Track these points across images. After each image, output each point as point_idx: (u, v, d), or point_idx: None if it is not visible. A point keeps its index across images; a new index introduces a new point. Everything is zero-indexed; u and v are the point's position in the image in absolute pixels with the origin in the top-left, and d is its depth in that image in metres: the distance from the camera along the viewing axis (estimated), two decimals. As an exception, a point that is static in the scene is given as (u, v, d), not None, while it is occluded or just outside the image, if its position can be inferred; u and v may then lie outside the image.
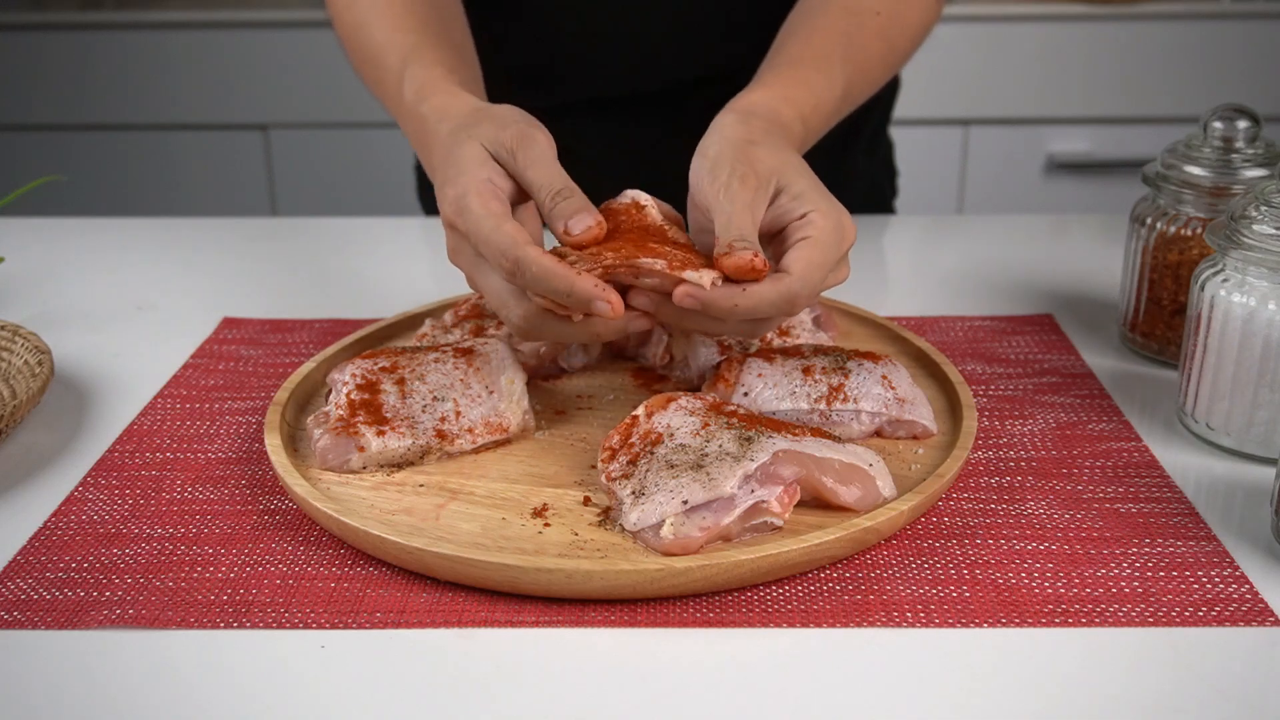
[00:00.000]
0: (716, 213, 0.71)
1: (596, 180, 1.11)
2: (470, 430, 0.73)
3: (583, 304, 0.67)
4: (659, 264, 0.68)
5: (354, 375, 0.75)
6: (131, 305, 1.00)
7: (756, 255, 0.67)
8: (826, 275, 0.70)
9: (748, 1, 1.03)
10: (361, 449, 0.71)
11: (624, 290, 0.70)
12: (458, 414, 0.73)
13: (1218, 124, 0.82)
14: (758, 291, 0.68)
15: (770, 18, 1.05)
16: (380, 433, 0.71)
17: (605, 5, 1.04)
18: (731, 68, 1.06)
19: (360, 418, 0.72)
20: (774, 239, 0.73)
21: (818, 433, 0.70)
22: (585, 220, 0.70)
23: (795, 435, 0.68)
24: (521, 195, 0.73)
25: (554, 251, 0.70)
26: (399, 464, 0.72)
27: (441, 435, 0.72)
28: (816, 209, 0.71)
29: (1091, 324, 0.94)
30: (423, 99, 0.79)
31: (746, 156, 0.73)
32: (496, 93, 1.12)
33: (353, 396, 0.73)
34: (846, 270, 0.74)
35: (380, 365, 0.76)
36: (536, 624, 0.60)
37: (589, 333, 0.71)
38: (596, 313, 0.67)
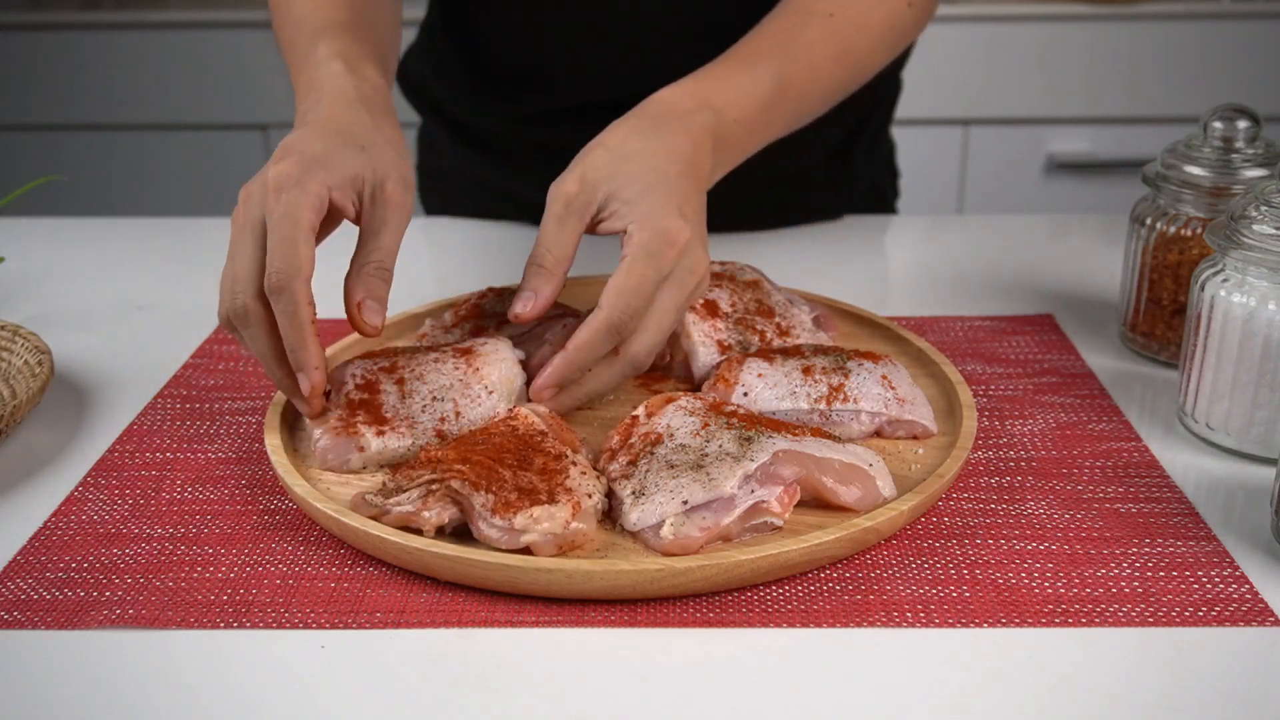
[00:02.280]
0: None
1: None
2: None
3: (295, 365, 0.70)
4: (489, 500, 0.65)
5: (354, 375, 0.75)
6: (131, 305, 1.00)
7: (524, 305, 0.73)
8: (648, 291, 0.72)
9: (741, 8, 1.03)
10: (361, 449, 0.71)
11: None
12: (457, 414, 0.73)
13: (1218, 124, 0.82)
14: (579, 339, 0.72)
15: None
16: (380, 433, 0.71)
17: (599, 11, 1.04)
18: None
19: (360, 417, 0.72)
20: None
21: (818, 433, 0.70)
22: (376, 319, 0.72)
23: (795, 435, 0.68)
24: (343, 217, 0.75)
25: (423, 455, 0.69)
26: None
27: (441, 435, 0.72)
28: (635, 220, 0.73)
29: (1091, 324, 0.94)
30: (338, 57, 0.80)
31: (581, 163, 0.75)
32: (493, 97, 1.12)
33: (352, 396, 0.73)
34: (702, 266, 0.74)
35: (380, 365, 0.76)
36: (536, 624, 0.60)
37: (277, 377, 0.72)
38: (293, 388, 0.71)
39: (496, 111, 1.13)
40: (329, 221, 0.75)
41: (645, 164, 0.75)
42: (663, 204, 0.73)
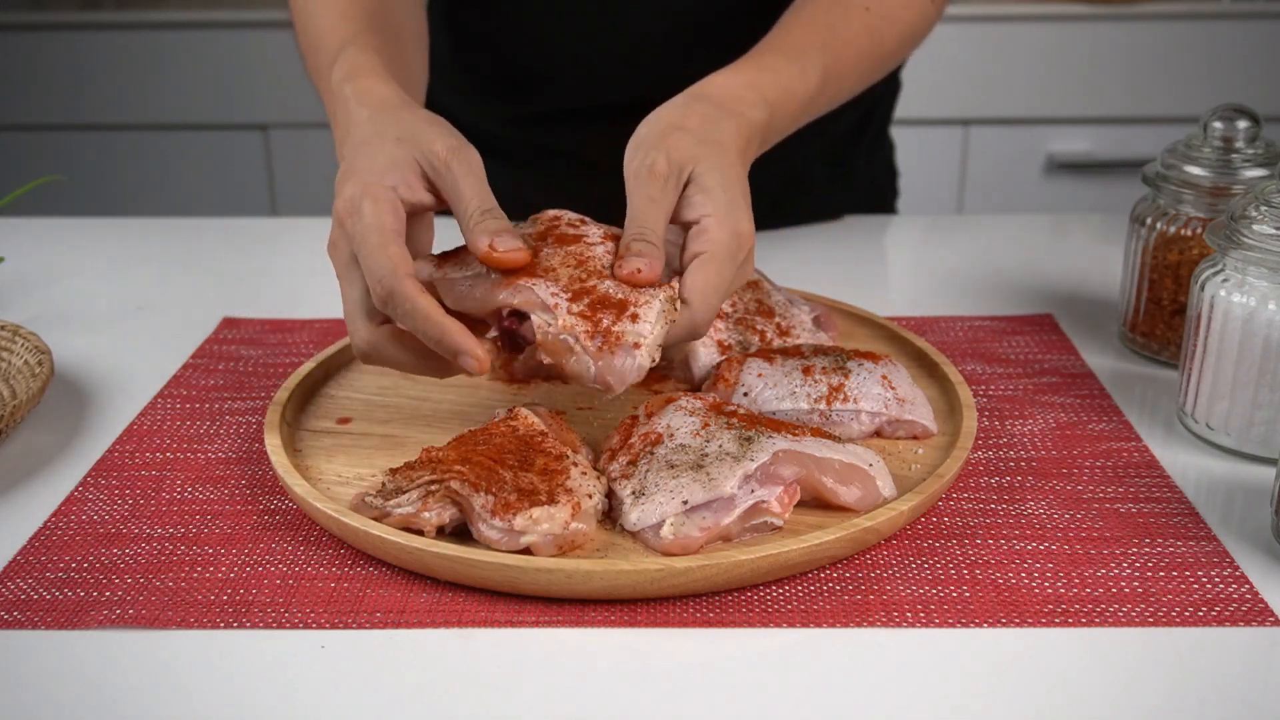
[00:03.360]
0: (628, 202, 0.71)
1: (598, 182, 1.11)
2: None
3: (449, 354, 0.66)
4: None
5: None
6: (131, 305, 1.00)
7: (642, 265, 0.67)
8: (726, 293, 0.70)
9: (746, 10, 1.03)
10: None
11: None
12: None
13: (1218, 124, 0.82)
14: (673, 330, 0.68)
15: (769, 25, 1.04)
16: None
17: (602, 14, 1.04)
18: None
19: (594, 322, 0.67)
20: (680, 230, 0.73)
21: (818, 433, 0.70)
22: (512, 242, 0.68)
23: (795, 435, 0.68)
24: (426, 207, 0.72)
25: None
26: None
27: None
28: (713, 215, 0.70)
29: (1091, 324, 0.94)
30: (349, 79, 0.78)
31: (665, 143, 0.72)
32: (494, 98, 1.12)
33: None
34: (750, 269, 0.74)
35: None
36: (536, 624, 0.60)
37: (431, 368, 0.70)
38: (461, 367, 0.67)
39: (497, 113, 1.13)
40: (419, 227, 0.73)
41: (723, 155, 0.73)
42: (737, 202, 0.72)
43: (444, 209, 0.72)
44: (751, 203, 1.18)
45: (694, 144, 0.73)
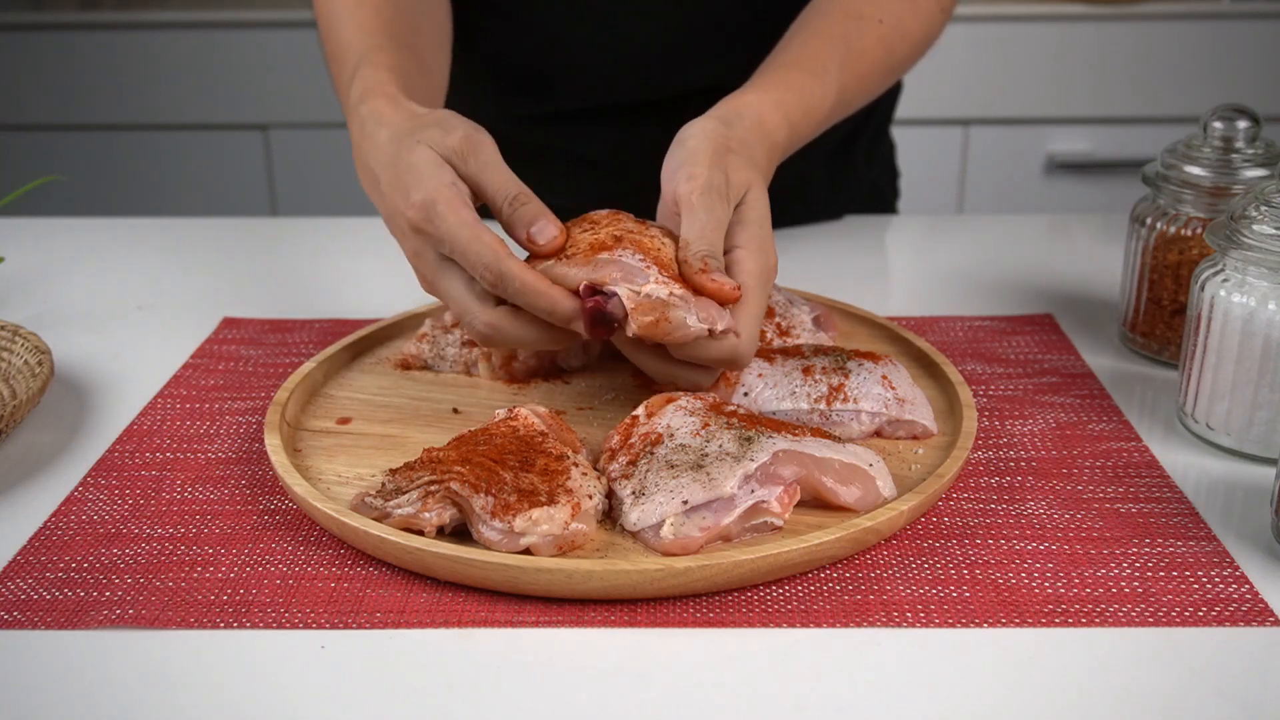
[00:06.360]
0: (690, 218, 0.71)
1: (600, 181, 1.11)
2: None
3: (563, 322, 0.69)
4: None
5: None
6: (131, 305, 1.00)
7: (729, 283, 0.70)
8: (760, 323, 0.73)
9: (751, 13, 1.03)
10: None
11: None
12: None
13: (1218, 124, 0.82)
14: (714, 346, 0.70)
15: (774, 28, 1.04)
16: None
17: (610, 17, 1.04)
18: (735, 78, 1.06)
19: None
20: None
21: (818, 433, 0.70)
22: (549, 230, 0.71)
23: (795, 435, 0.68)
24: (476, 199, 0.74)
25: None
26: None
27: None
28: (746, 247, 0.72)
29: (1091, 324, 0.94)
30: (363, 100, 0.79)
31: (725, 164, 0.73)
32: (501, 98, 1.12)
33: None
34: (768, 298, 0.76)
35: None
36: (536, 624, 0.60)
37: (554, 339, 0.72)
38: (577, 331, 0.70)
39: (500, 112, 1.13)
40: None
41: (762, 184, 0.75)
42: (769, 234, 0.74)
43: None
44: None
45: (746, 168, 0.74)
